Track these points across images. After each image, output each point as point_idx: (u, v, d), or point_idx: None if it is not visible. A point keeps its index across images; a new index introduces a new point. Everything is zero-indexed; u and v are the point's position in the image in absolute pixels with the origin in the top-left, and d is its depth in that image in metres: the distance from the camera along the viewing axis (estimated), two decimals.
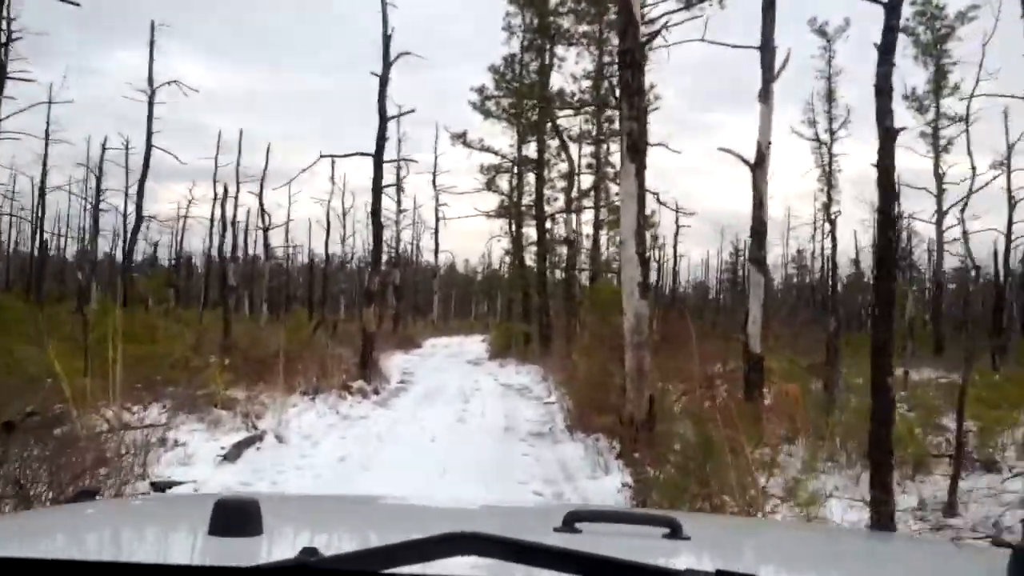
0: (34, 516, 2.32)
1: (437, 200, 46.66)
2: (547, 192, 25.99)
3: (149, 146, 22.17)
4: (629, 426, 8.32)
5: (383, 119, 15.40)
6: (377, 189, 15.57)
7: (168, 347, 14.49)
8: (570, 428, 10.63)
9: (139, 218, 23.87)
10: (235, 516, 1.28)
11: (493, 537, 1.06)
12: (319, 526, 1.70)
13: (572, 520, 1.42)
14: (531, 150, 27.31)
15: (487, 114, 27.34)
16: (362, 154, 15.63)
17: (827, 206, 33.50)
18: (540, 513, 2.09)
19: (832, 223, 33.49)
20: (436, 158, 44.00)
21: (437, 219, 47.75)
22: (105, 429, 8.01)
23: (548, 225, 25.19)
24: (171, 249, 43.50)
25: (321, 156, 16.12)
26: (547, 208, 25.36)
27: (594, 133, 26.88)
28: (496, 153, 27.65)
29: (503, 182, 28.82)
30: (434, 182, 45.00)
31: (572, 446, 9.65)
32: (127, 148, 32.09)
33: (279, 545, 1.32)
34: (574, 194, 24.91)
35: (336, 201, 42.52)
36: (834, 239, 33.97)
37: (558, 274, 26.36)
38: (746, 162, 10.66)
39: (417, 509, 2.09)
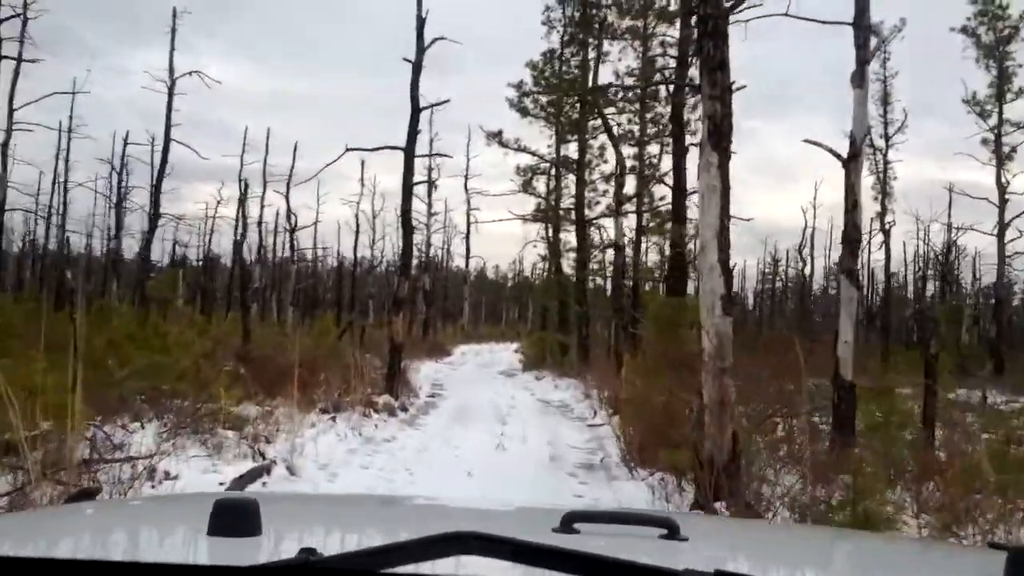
0: (34, 517, 2.18)
1: (469, 204, 45.61)
2: (588, 195, 24.54)
3: (168, 139, 20.94)
4: (708, 469, 6.85)
5: (415, 109, 14.04)
6: (408, 186, 14.20)
7: (181, 354, 13.26)
8: (627, 462, 9.17)
9: (156, 215, 22.54)
10: (234, 516, 1.28)
11: (492, 537, 1.05)
12: (318, 526, 1.70)
13: (570, 521, 1.41)
14: (570, 150, 25.92)
15: (524, 112, 25.96)
16: (392, 147, 14.30)
17: (881, 216, 31.75)
18: (538, 514, 1.97)
19: (887, 234, 31.76)
20: (468, 161, 42.88)
21: (468, 223, 46.65)
22: (80, 459, 6.72)
23: (588, 230, 23.67)
24: (199, 250, 42.61)
25: (348, 149, 14.80)
26: (587, 212, 23.87)
27: (637, 133, 25.42)
28: (533, 154, 26.24)
29: (540, 184, 27.43)
30: (466, 185, 43.93)
31: (632, 486, 8.19)
32: (152, 144, 31.11)
33: (278, 545, 1.30)
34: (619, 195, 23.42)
35: (366, 204, 41.46)
36: (887, 251, 32.25)
37: (597, 281, 24.91)
38: (838, 156, 9.16)
39: (416, 509, 2.06)
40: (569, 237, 27.02)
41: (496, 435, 11.42)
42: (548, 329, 31.88)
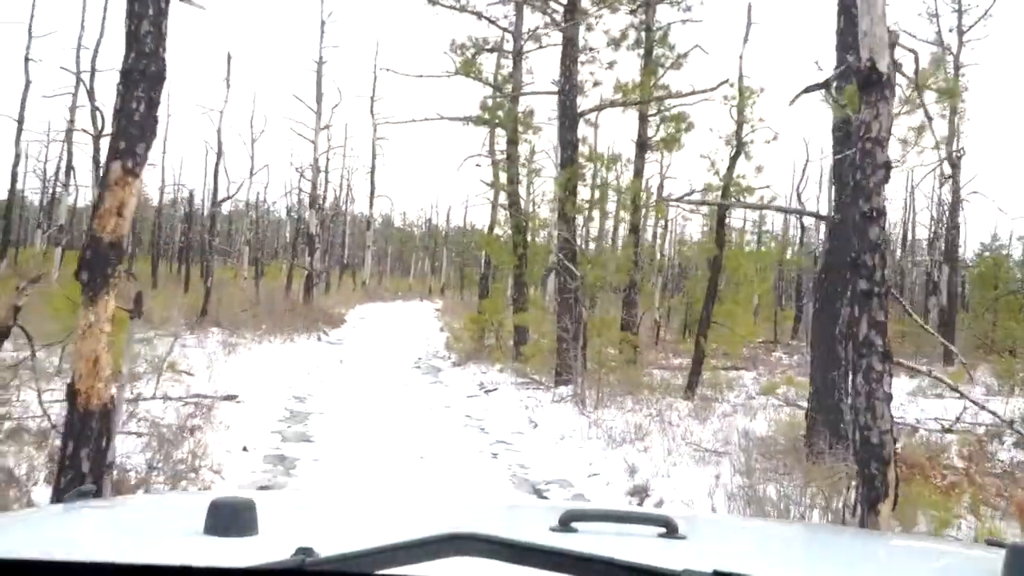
0: (29, 516, 2.07)
1: (375, 130, 35.62)
2: (587, 73, 14.73)
3: None
4: None
5: None
6: None
7: None
8: None
9: None
10: (231, 516, 1.26)
11: (490, 538, 1.04)
12: (315, 526, 1.65)
13: (568, 520, 1.40)
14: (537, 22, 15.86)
15: None
16: None
17: (947, 141, 22.79)
18: (536, 513, 2.01)
19: (954, 166, 22.76)
20: (376, 76, 32.91)
21: (374, 155, 36.69)
22: None
23: (576, 135, 13.71)
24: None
25: None
26: (581, 102, 13.95)
27: None
28: (480, 15, 16.19)
29: (489, 66, 17.47)
30: (372, 108, 33.90)
31: None
32: None
33: (275, 545, 1.21)
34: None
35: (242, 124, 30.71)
36: (956, 188, 23.09)
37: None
38: None
39: (414, 508, 2.02)
40: (523, 151, 17.34)
41: None
42: (470, 287, 22.10)
